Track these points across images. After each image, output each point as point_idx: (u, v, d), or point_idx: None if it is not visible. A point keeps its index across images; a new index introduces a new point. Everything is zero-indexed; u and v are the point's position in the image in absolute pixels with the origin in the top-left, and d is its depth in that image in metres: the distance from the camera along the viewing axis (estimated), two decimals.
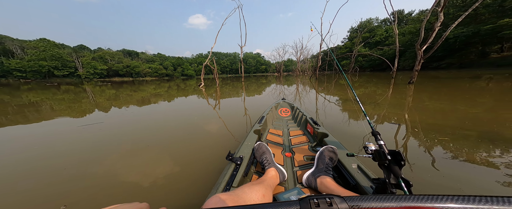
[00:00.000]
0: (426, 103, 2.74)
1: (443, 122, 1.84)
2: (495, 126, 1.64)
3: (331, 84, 7.50)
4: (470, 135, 1.48)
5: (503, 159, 1.11)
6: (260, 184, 0.58)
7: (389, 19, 33.95)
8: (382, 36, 28.97)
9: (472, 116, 2.02)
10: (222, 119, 2.46)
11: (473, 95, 3.25)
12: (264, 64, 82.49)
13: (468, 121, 1.84)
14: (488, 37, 15.28)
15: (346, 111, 2.65)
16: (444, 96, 3.29)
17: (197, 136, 1.83)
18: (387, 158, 0.55)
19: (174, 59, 59.99)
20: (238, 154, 0.85)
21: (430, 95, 3.48)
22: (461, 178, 0.95)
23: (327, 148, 0.82)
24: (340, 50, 35.11)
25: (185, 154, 1.43)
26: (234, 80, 17.98)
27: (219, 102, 4.08)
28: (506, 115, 1.98)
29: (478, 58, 17.10)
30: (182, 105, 4.10)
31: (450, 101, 2.83)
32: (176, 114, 3.02)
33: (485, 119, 1.87)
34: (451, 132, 1.57)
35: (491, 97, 2.98)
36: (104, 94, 7.00)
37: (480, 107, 2.40)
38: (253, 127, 1.22)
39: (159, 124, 2.31)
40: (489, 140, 1.37)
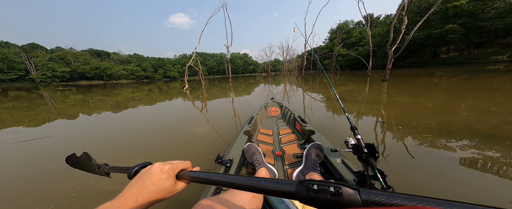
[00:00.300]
0: (395, 99, 3.14)
1: (410, 115, 2.13)
2: (447, 116, 1.99)
3: (316, 83, 7.96)
4: (431, 126, 1.74)
5: (456, 143, 1.36)
6: None
7: (362, 22, 37.96)
8: (357, 37, 31.92)
9: (430, 108, 2.40)
10: (210, 122, 2.40)
11: (430, 90, 3.84)
12: (252, 65, 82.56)
13: (427, 112, 2.18)
14: (438, 40, 18.27)
15: (330, 108, 2.85)
16: (409, 92, 3.81)
17: (183, 141, 1.75)
18: (364, 151, 0.57)
19: (154, 60, 55.37)
20: (227, 156, 0.85)
21: (400, 91, 3.97)
22: (428, 163, 1.14)
23: (313, 144, 0.85)
24: (322, 50, 37.50)
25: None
26: (222, 81, 17.56)
27: (206, 104, 3.94)
28: (454, 106, 2.41)
29: (431, 58, 20.31)
30: (164, 109, 3.84)
31: (415, 96, 3.30)
32: (158, 118, 2.83)
33: (440, 111, 2.24)
34: (416, 124, 1.83)
35: (443, 92, 3.56)
36: (68, 100, 6.07)
37: (436, 100, 2.85)
38: (243, 128, 1.22)
39: (138, 130, 2.13)
40: (444, 128, 1.65)
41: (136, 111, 3.67)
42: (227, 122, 2.33)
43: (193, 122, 2.43)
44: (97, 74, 43.24)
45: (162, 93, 7.40)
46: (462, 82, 4.73)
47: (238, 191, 0.51)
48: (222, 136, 1.80)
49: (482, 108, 2.21)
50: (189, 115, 2.93)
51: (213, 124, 2.27)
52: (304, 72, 14.28)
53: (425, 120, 1.91)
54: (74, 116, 3.40)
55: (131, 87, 13.38)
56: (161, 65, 54.41)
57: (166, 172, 0.29)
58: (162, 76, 53.92)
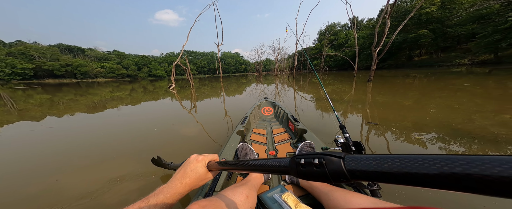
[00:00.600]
0: (381, 98, 3.39)
1: (392, 114, 2.33)
2: (420, 114, 2.23)
3: (306, 83, 8.23)
4: (406, 124, 1.93)
5: (426, 136, 1.53)
6: (244, 185, 0.58)
7: (348, 24, 40.27)
8: (343, 39, 33.76)
9: (406, 107, 2.66)
10: (200, 122, 2.33)
11: (406, 90, 4.24)
12: (244, 64, 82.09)
13: (404, 111, 2.41)
14: (412, 44, 20.28)
15: (320, 107, 2.97)
16: (390, 92, 4.16)
17: (171, 144, 1.66)
18: (351, 148, 0.59)
19: (137, 58, 51.55)
20: (220, 157, 0.84)
21: (383, 91, 4.27)
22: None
23: (305, 143, 0.86)
24: (311, 51, 38.84)
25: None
26: (213, 80, 17.13)
27: (195, 105, 3.81)
28: (427, 105, 2.70)
29: (407, 60, 22.47)
30: (149, 109, 3.61)
31: (392, 96, 3.62)
32: (140, 119, 2.65)
33: (415, 109, 2.50)
34: (397, 121, 2.00)
35: (417, 92, 3.96)
36: (32, 101, 5.35)
37: (411, 99, 3.16)
38: (235, 128, 1.22)
39: (119, 133, 1.97)
40: (417, 125, 1.84)
41: (116, 112, 3.38)
42: (218, 123, 2.29)
43: (181, 124, 2.32)
44: (68, 72, 38.77)
45: (147, 93, 6.94)
46: (432, 83, 5.32)
47: (231, 192, 0.51)
48: (213, 137, 1.76)
49: (447, 105, 2.52)
50: (176, 116, 2.80)
51: (203, 125, 2.21)
52: (295, 72, 14.68)
53: (403, 118, 2.10)
54: (40, 117, 3.00)
55: (110, 86, 12.29)
56: (145, 63, 50.88)
57: (200, 161, 0.37)
58: (146, 74, 50.58)
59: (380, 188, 0.55)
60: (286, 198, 0.54)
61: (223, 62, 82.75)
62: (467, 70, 9.88)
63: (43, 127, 2.47)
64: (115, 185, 1.02)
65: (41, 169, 1.28)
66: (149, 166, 1.00)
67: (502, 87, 3.76)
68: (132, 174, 1.12)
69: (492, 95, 3.07)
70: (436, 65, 17.40)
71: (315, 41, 43.90)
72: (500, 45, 12.33)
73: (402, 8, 21.20)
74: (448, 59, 17.46)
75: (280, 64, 38.43)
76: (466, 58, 15.80)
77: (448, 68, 12.52)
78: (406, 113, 2.28)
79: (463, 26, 15.12)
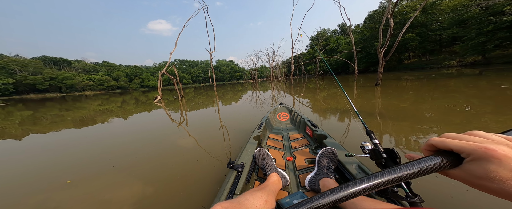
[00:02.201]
0: (394, 103, 3.15)
1: (398, 116, 2.32)
2: (419, 115, 2.24)
3: (302, 88, 8.35)
4: (405, 125, 1.90)
5: (424, 138, 1.48)
6: (262, 190, 0.59)
7: (337, 30, 42.75)
8: (334, 44, 35.53)
9: (402, 108, 2.69)
10: (193, 136, 2.21)
11: (400, 93, 4.35)
12: (239, 72, 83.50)
13: (402, 112, 2.42)
14: (401, 47, 21.62)
15: (337, 112, 2.90)
16: (402, 97, 3.74)
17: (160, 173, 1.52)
18: (383, 156, 0.56)
19: (128, 69, 51.19)
20: (239, 161, 0.87)
21: (398, 95, 3.93)
22: None
23: (326, 149, 0.84)
24: (305, 56, 40.34)
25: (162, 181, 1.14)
26: (208, 89, 17.06)
27: (186, 117, 3.64)
28: (422, 106, 2.75)
29: (397, 64, 23.71)
30: (136, 122, 3.43)
31: (410, 101, 3.66)
32: (125, 131, 2.47)
33: (413, 110, 2.53)
34: (408, 124, 1.98)
35: (413, 94, 4.07)
36: (12, 118, 5.00)
37: (407, 101, 3.23)
38: (252, 134, 1.24)
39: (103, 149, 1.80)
40: (416, 125, 1.83)
41: (105, 126, 3.18)
42: (214, 136, 2.18)
43: (168, 142, 2.19)
44: (53, 86, 37.51)
45: (136, 105, 6.71)
46: (425, 85, 5.54)
47: (251, 196, 0.53)
48: (211, 152, 1.65)
49: (444, 107, 2.57)
50: (163, 134, 2.66)
51: (197, 139, 2.09)
52: (288, 78, 14.93)
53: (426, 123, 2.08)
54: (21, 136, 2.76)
55: (99, 99, 11.88)
56: (137, 74, 50.46)
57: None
58: (138, 86, 49.87)
59: (422, 201, 0.48)
60: None
61: (218, 71, 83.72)
62: (458, 71, 10.45)
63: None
64: None
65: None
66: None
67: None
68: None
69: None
70: (427, 68, 18.41)
71: (308, 46, 45.88)
72: (486, 47, 13.42)
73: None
74: (437, 62, 18.60)
75: (275, 71, 39.33)
76: (455, 60, 16.90)
77: (439, 70, 13.21)
78: (405, 114, 2.27)
79: (445, 30, 16.41)
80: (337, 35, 40.97)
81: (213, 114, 3.86)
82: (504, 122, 1.77)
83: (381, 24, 5.88)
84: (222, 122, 2.89)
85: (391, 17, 5.12)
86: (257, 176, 0.89)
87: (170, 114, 4.30)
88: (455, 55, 17.49)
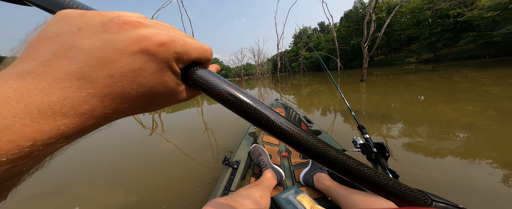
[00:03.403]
0: (375, 98, 3.37)
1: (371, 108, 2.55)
2: (387, 108, 2.54)
3: (288, 85, 8.61)
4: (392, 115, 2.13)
5: (393, 131, 1.71)
6: (257, 186, 0.59)
7: (317, 28, 45.22)
8: (315, 42, 37.55)
9: (373, 101, 3.02)
10: (171, 142, 2.04)
11: (372, 88, 4.82)
12: (224, 70, 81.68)
13: (375, 104, 2.72)
14: (371, 45, 24.22)
15: (329, 108, 3.02)
16: (387, 92, 3.87)
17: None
18: (373, 150, 0.58)
19: None
20: (234, 158, 0.86)
21: (390, 91, 3.98)
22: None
23: None
24: (289, 54, 41.65)
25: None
26: None
27: (161, 122, 3.26)
28: (391, 99, 3.12)
29: (369, 60, 26.55)
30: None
31: (406, 98, 4.03)
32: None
33: (385, 103, 2.86)
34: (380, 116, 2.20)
35: (381, 88, 4.58)
36: None
37: (377, 95, 3.61)
38: (248, 130, 1.23)
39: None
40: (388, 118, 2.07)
41: None
42: (198, 140, 2.04)
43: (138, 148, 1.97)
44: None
45: None
46: (391, 80, 6.32)
47: (245, 192, 0.53)
48: (196, 159, 1.53)
49: (407, 99, 2.99)
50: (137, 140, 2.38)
51: (176, 144, 1.92)
52: (274, 74, 15.13)
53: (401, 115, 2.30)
54: None
55: None
56: None
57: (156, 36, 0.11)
58: None
59: None
60: (301, 199, 0.55)
61: None
62: (416, 67, 12.23)
63: None
64: None
65: None
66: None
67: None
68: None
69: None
70: (392, 64, 21.11)
71: (291, 44, 47.46)
72: (437, 45, 16.12)
73: (359, 13, 25.24)
74: (400, 58, 21.48)
75: (261, 68, 39.57)
76: (413, 58, 19.78)
77: (402, 66, 15.28)
78: (377, 107, 2.51)
79: (405, 30, 19.03)
80: (317, 33, 43.34)
81: (196, 116, 3.64)
82: (451, 110, 2.15)
83: (365, 19, 5.79)
84: (207, 124, 2.75)
85: (373, 12, 5.35)
86: (253, 173, 0.89)
87: (140, 118, 3.62)
88: (413, 53, 20.50)
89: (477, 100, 2.44)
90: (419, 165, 1.10)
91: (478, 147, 1.29)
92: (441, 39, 16.05)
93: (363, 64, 6.06)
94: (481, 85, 3.37)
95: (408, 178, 1.00)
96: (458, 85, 3.73)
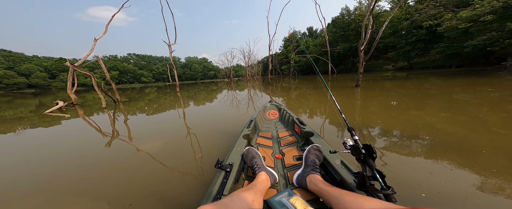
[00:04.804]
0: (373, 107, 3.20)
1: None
2: (366, 113, 2.73)
3: (277, 88, 8.74)
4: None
5: (374, 131, 1.83)
6: (250, 190, 0.60)
7: (306, 32, 47.57)
8: (304, 45, 39.27)
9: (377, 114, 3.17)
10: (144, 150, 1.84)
11: (371, 94, 4.40)
12: (213, 70, 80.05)
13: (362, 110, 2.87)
14: (355, 52, 26.34)
15: (324, 109, 3.10)
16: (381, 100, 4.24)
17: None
18: (361, 152, 0.61)
19: (50, 62, 39.23)
20: (227, 160, 0.87)
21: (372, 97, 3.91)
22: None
23: (312, 146, 0.88)
24: (279, 56, 42.68)
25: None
26: (175, 88, 15.25)
27: (128, 128, 2.71)
28: (368, 104, 3.37)
29: (352, 66, 28.80)
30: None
31: (354, 98, 4.31)
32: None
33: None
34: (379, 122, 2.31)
35: (382, 95, 4.43)
36: None
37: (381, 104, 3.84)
38: (241, 132, 1.23)
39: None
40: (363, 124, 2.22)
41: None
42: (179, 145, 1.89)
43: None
44: None
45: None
46: (372, 85, 6.86)
47: (237, 197, 0.53)
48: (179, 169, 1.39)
49: (383, 104, 3.25)
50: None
51: (151, 154, 1.75)
52: (265, 77, 15.31)
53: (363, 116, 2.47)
54: None
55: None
56: (65, 69, 39.53)
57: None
58: (66, 84, 39.11)
59: (395, 192, 0.54)
60: (294, 202, 0.56)
61: (189, 69, 77.47)
62: (392, 74, 13.58)
63: None
64: None
65: None
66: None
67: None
68: None
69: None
70: (373, 70, 23.14)
71: (281, 47, 48.84)
72: (411, 54, 18.18)
73: (345, 20, 27.24)
74: (379, 65, 23.75)
75: (251, 70, 39.72)
76: (390, 65, 22.03)
77: (381, 73, 16.77)
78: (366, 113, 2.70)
79: (385, 38, 21.09)
80: (306, 38, 45.48)
81: (177, 127, 2.95)
82: (420, 114, 2.43)
83: (363, 20, 5.47)
84: (190, 129, 2.58)
85: (370, 14, 5.15)
86: (246, 176, 0.89)
87: (98, 125, 3.06)
88: (389, 61, 22.84)
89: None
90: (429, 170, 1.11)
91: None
92: (414, 48, 18.23)
93: (359, 68, 5.88)
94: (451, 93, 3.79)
95: (395, 179, 1.06)
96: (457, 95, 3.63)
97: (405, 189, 0.96)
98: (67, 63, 5.25)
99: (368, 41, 5.42)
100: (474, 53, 11.58)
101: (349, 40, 27.08)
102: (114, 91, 6.75)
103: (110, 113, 4.25)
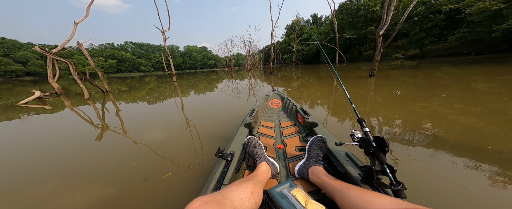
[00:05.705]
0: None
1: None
2: (372, 102, 2.65)
3: (279, 77, 8.52)
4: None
5: (380, 125, 1.76)
6: (250, 180, 0.59)
7: (310, 20, 44.95)
8: (307, 34, 37.52)
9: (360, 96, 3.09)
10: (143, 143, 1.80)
11: (390, 86, 3.92)
12: (213, 59, 78.48)
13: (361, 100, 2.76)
14: (362, 40, 25.05)
15: (330, 100, 2.99)
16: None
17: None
18: (372, 145, 0.57)
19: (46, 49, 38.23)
20: (228, 150, 0.85)
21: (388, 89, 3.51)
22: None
23: (316, 137, 0.85)
24: (281, 45, 41.11)
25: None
26: (178, 77, 15.03)
27: (121, 121, 2.51)
28: (376, 95, 3.25)
29: (358, 55, 27.64)
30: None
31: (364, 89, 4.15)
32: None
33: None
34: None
35: (376, 84, 4.29)
36: None
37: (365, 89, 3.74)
38: (243, 121, 1.22)
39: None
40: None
41: None
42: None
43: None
44: None
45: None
46: (386, 75, 6.57)
47: (236, 188, 0.52)
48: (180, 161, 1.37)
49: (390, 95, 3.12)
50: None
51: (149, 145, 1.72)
52: (266, 66, 14.87)
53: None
54: None
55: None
56: (64, 56, 39.05)
57: None
58: (66, 72, 39.24)
59: (405, 188, 0.50)
60: (295, 193, 0.55)
61: (189, 58, 76.14)
62: (401, 63, 13.03)
63: None
64: None
65: None
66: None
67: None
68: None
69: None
70: (381, 59, 22.18)
71: (284, 35, 46.78)
72: (424, 42, 17.06)
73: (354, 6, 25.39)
74: (387, 54, 22.69)
75: (251, 59, 38.68)
76: (400, 53, 21.03)
77: (389, 62, 16.14)
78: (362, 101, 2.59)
79: (395, 25, 19.87)
80: (309, 25, 43.19)
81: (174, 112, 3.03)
82: (427, 104, 2.33)
83: (386, 1, 4.57)
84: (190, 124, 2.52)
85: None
86: (247, 165, 0.88)
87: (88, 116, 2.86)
88: (399, 49, 21.75)
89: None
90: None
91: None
92: (429, 35, 17.03)
93: (376, 56, 5.08)
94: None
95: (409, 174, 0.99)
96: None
97: (417, 187, 0.86)
98: (36, 48, 4.56)
99: (389, 25, 4.61)
100: (497, 39, 10.25)
101: (356, 28, 25.53)
102: (102, 80, 6.07)
103: (96, 106, 3.80)
